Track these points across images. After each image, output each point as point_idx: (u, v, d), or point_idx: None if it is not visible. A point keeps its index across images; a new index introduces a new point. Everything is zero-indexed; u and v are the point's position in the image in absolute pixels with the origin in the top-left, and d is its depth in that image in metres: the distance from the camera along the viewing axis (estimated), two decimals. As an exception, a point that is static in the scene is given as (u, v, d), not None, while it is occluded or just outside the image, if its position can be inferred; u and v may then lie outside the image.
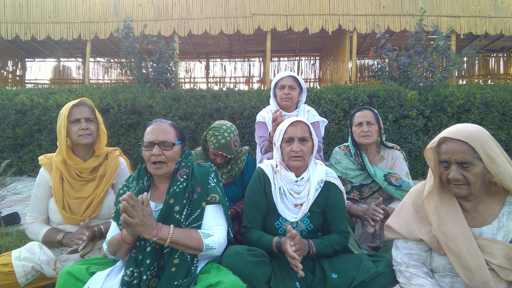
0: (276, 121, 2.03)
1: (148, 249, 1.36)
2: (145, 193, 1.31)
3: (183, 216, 1.41)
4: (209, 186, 1.50)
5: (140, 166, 1.54)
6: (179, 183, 1.46)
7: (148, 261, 1.34)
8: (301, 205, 1.61)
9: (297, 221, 1.62)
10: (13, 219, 2.96)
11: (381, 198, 1.94)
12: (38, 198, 1.77)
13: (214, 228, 1.44)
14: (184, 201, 1.43)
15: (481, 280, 1.19)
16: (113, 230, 1.47)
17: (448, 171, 1.26)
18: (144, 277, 1.33)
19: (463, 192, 1.25)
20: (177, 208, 1.41)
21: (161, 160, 1.45)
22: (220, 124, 2.09)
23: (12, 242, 2.37)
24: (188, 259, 1.38)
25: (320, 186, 1.64)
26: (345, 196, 1.73)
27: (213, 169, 1.60)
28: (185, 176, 1.49)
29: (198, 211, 1.44)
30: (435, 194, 1.33)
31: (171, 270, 1.36)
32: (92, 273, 1.35)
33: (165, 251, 1.38)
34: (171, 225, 1.36)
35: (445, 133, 1.28)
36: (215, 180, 1.55)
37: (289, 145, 1.63)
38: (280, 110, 2.23)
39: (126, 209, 1.22)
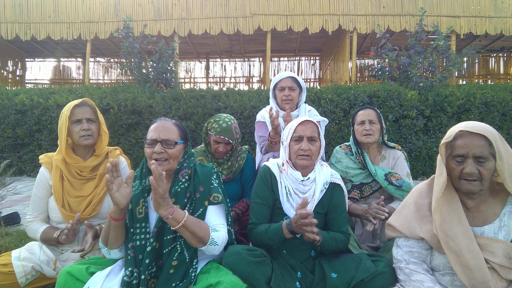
0: (286, 120, 2.10)
1: (148, 248, 1.36)
2: (164, 172, 1.30)
3: None
4: (212, 186, 1.51)
5: (142, 165, 1.54)
6: (180, 183, 1.47)
7: (147, 261, 1.34)
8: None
9: None
10: (13, 219, 2.96)
11: (382, 196, 1.94)
12: (38, 197, 1.77)
13: (217, 226, 1.44)
14: (185, 200, 1.44)
15: (481, 279, 1.20)
16: None
17: (461, 166, 1.25)
18: (143, 277, 1.32)
19: (475, 188, 1.25)
20: (177, 207, 1.41)
21: (163, 157, 1.45)
22: (220, 114, 2.21)
23: (12, 242, 2.37)
24: (187, 260, 1.38)
25: (325, 188, 1.65)
26: (346, 197, 1.73)
27: (215, 170, 1.61)
28: (187, 177, 1.49)
29: (201, 209, 1.44)
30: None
31: (169, 272, 1.35)
32: (92, 273, 1.35)
33: (165, 251, 1.38)
34: (185, 210, 1.36)
35: (461, 127, 1.27)
36: (217, 181, 1.56)
37: (298, 144, 1.63)
38: (279, 110, 2.24)
39: (154, 175, 1.22)
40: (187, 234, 1.32)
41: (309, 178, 1.64)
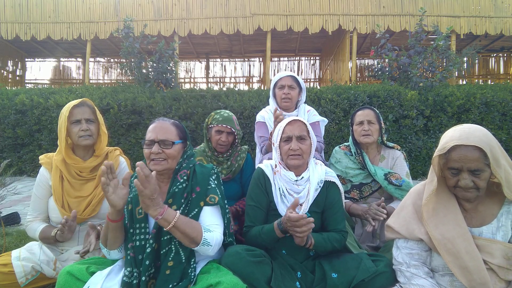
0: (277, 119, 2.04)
1: (148, 249, 1.36)
2: (154, 171, 1.31)
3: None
4: (209, 187, 1.50)
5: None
6: (178, 183, 1.46)
7: (147, 262, 1.34)
8: (301, 205, 1.61)
9: None
10: (13, 219, 2.96)
11: (383, 198, 1.94)
12: (38, 197, 1.77)
13: (212, 227, 1.43)
14: (182, 200, 1.44)
15: (480, 281, 1.20)
16: None
17: (457, 178, 1.24)
18: (143, 278, 1.33)
19: (472, 195, 1.24)
20: (174, 207, 1.41)
21: (161, 158, 1.45)
22: (220, 109, 2.26)
23: (12, 242, 2.37)
24: (183, 260, 1.37)
25: (319, 186, 1.64)
26: (343, 195, 1.73)
27: (215, 170, 1.60)
28: (185, 177, 1.49)
29: (196, 210, 1.44)
30: (433, 196, 1.33)
31: (165, 273, 1.35)
32: (92, 273, 1.35)
33: (162, 251, 1.38)
34: (177, 211, 1.36)
35: (455, 139, 1.23)
36: (215, 182, 1.55)
37: (287, 144, 1.63)
38: (280, 109, 2.24)
39: (140, 177, 1.22)
40: (179, 235, 1.32)
41: (302, 177, 1.64)
